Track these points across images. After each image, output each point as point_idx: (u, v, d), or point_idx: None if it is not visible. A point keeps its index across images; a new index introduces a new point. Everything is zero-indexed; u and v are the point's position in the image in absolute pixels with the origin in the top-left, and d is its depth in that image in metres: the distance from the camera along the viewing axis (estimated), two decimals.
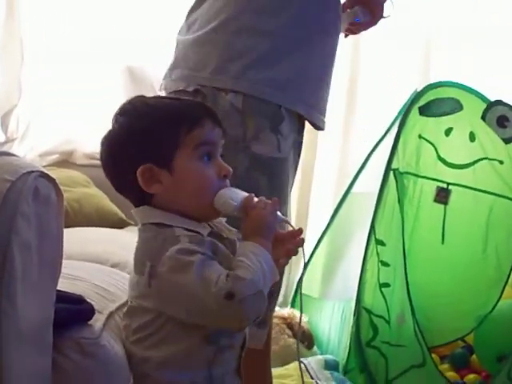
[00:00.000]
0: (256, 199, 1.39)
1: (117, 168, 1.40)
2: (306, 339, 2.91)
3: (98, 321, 1.48)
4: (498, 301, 2.74)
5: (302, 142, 1.99)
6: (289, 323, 2.88)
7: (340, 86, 2.05)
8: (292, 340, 2.86)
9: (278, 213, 1.40)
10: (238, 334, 1.39)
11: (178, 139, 1.36)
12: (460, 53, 3.45)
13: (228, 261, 1.32)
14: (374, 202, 2.72)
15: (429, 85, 2.84)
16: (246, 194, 1.39)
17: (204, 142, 1.38)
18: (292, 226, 1.45)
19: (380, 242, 2.70)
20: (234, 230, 1.44)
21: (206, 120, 1.39)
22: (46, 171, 1.26)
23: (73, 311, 1.38)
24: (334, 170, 3.25)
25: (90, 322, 1.42)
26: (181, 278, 1.26)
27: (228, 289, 1.23)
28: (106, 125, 1.42)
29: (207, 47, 1.86)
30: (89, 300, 1.51)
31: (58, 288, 1.36)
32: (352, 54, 2.27)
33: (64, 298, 1.40)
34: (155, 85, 2.64)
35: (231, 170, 1.41)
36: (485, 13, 3.48)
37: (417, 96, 2.80)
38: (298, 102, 1.88)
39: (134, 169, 1.36)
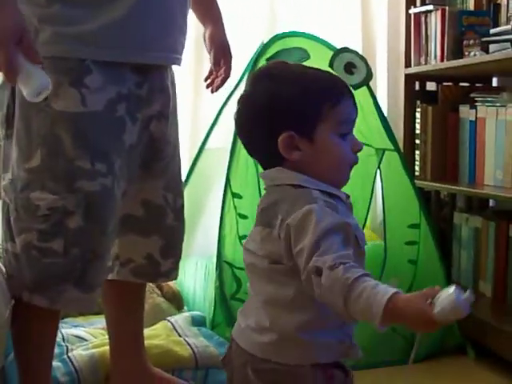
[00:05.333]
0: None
1: (255, 131, 1.44)
2: (175, 299, 2.91)
3: None
4: None
5: (151, 93, 1.96)
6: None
7: (187, 40, 2.02)
8: (161, 299, 2.86)
9: None
10: None
11: (323, 112, 1.39)
12: (304, 3, 3.48)
13: None
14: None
15: (275, 36, 2.85)
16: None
17: (347, 120, 1.43)
18: None
19: (237, 195, 2.71)
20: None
21: (350, 97, 1.44)
22: None
23: None
24: (186, 126, 3.23)
25: None
26: None
27: None
28: None
29: None
30: None
31: None
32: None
33: None
34: None
35: (363, 144, 1.46)
36: None
37: (264, 48, 2.80)
38: (105, 50, 1.84)
39: (273, 134, 1.40)
